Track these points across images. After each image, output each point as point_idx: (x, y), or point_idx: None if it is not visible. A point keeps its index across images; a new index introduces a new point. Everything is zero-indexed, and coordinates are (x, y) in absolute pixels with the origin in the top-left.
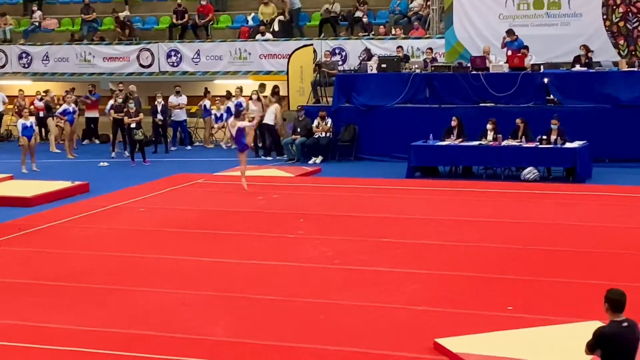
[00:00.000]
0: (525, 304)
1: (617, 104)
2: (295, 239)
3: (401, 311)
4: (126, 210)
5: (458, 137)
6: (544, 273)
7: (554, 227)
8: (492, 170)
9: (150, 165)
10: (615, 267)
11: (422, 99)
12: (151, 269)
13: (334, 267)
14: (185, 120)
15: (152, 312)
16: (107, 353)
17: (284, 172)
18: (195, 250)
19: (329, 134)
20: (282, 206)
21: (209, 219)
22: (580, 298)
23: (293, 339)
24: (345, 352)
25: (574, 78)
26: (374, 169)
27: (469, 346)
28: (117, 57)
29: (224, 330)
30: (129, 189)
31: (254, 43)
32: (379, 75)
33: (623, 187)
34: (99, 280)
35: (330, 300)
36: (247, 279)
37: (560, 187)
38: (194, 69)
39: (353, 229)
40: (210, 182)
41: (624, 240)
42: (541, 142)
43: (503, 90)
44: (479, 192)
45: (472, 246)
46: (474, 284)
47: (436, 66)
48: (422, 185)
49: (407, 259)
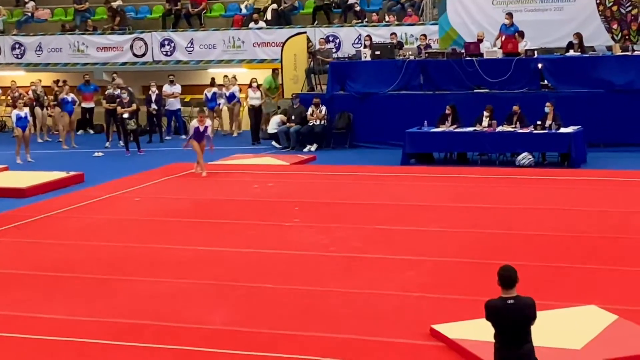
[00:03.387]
0: (520, 288)
1: (611, 89)
2: (290, 227)
3: (397, 298)
4: (121, 200)
5: (452, 123)
6: (539, 258)
7: (550, 212)
8: (487, 156)
9: (145, 155)
10: (612, 252)
11: (416, 85)
12: (147, 258)
13: (330, 255)
14: (179, 110)
15: (149, 302)
16: (103, 343)
17: (279, 160)
18: (191, 240)
19: (323, 121)
20: (278, 194)
21: (204, 208)
22: (577, 282)
23: (289, 327)
24: (342, 339)
25: (568, 63)
26: (368, 156)
27: (465, 332)
28: (110, 47)
29: (221, 318)
30: (123, 178)
31: (247, 31)
32: (373, 63)
33: (618, 172)
34: (95, 270)
35: (326, 287)
36: (244, 267)
37: (555, 172)
38: (187, 58)
39: (348, 217)
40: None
41: (620, 224)
42: (536, 127)
43: (497, 76)
44: (474, 178)
45: (467, 232)
46: (470, 270)
47: (430, 52)
48: (417, 172)
49: (402, 245)
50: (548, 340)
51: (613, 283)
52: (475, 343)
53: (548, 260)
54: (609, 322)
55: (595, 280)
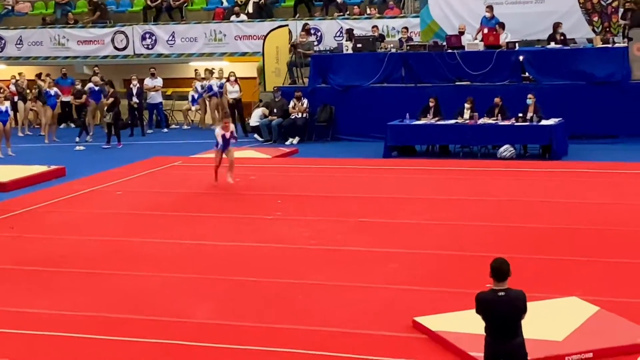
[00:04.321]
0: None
1: (592, 81)
2: (273, 220)
3: (380, 290)
4: (103, 194)
5: (434, 116)
6: (522, 250)
7: (531, 204)
8: (469, 149)
9: (127, 149)
10: (593, 243)
11: (398, 78)
12: (130, 252)
13: (312, 248)
14: (161, 103)
15: (134, 296)
16: (89, 337)
17: (261, 153)
18: (174, 233)
19: (305, 114)
20: (260, 187)
21: (187, 201)
22: (559, 274)
23: (273, 320)
24: (325, 332)
25: (549, 55)
26: (350, 149)
27: (448, 324)
28: (91, 40)
29: (206, 312)
30: (105, 172)
31: (229, 24)
32: (355, 55)
33: (599, 164)
34: (79, 264)
35: (309, 280)
36: (227, 260)
37: (536, 164)
38: (169, 51)
39: (331, 209)
40: (187, 165)
41: (601, 216)
42: (517, 119)
43: (478, 68)
44: (456, 171)
45: (449, 224)
46: (452, 262)
47: (412, 45)
48: (399, 165)
49: (384, 238)
50: (529, 332)
51: (594, 274)
52: (458, 335)
53: (529, 252)
54: (591, 313)
55: (576, 272)
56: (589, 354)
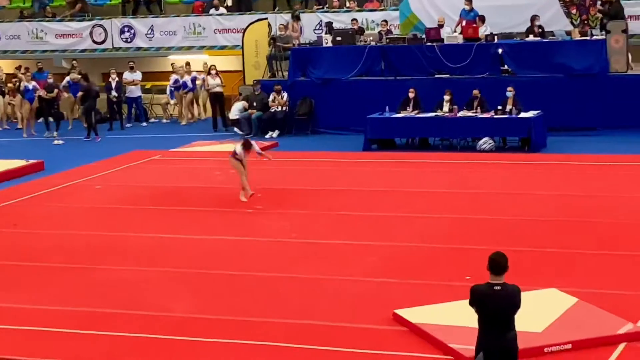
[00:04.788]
0: (483, 273)
1: (570, 73)
2: (253, 213)
3: (360, 283)
4: (82, 188)
5: (414, 109)
6: (501, 242)
7: (511, 197)
8: (449, 141)
9: (106, 143)
10: (572, 235)
11: (377, 71)
12: (110, 246)
13: (292, 241)
14: (140, 97)
15: (113, 290)
16: (68, 332)
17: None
18: (154, 227)
19: (285, 108)
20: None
21: (166, 195)
22: (539, 266)
23: (254, 314)
24: (305, 325)
25: (528, 48)
26: (330, 143)
27: (428, 316)
28: (69, 34)
29: (185, 306)
30: (84, 166)
31: (208, 18)
32: (334, 49)
33: (577, 156)
34: (58, 259)
35: (288, 274)
36: (207, 254)
37: (515, 156)
38: (148, 44)
39: (311, 203)
40: (167, 159)
41: (580, 208)
42: (496, 112)
43: (458, 61)
44: (436, 164)
45: (429, 217)
46: (432, 255)
47: (391, 38)
48: (379, 158)
49: (364, 231)
50: None
51: (573, 266)
52: (438, 327)
53: (508, 244)
54: (570, 305)
55: (555, 264)
56: (568, 345)
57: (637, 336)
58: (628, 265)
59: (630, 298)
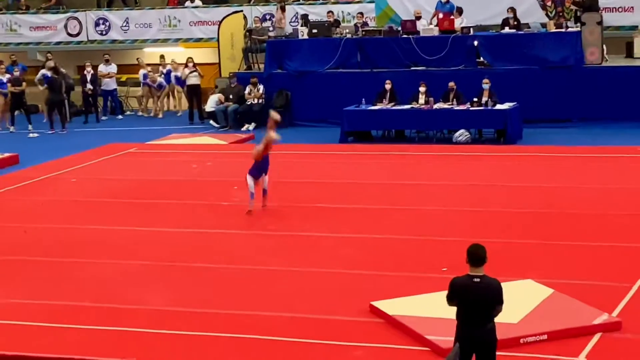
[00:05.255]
0: (459, 265)
1: (545, 65)
2: (229, 206)
3: (336, 275)
4: (57, 181)
5: (390, 101)
6: (477, 234)
7: (486, 188)
8: (425, 134)
9: (81, 136)
10: (548, 226)
11: (353, 63)
12: (85, 240)
13: (269, 234)
14: (115, 90)
15: (89, 283)
16: (42, 325)
17: (217, 139)
18: (130, 220)
19: (261, 100)
20: (216, 174)
21: (142, 188)
22: (514, 258)
23: (230, 306)
24: (283, 318)
25: (503, 40)
26: (307, 135)
27: (405, 308)
28: (44, 26)
29: (161, 299)
30: (59, 159)
31: (183, 10)
32: (310, 41)
33: (553, 147)
34: (33, 252)
35: (265, 266)
36: (183, 247)
37: (491, 148)
38: (123, 37)
39: (287, 195)
40: (142, 152)
41: (555, 199)
42: (472, 104)
43: (434, 53)
44: (412, 156)
45: (405, 209)
46: (409, 247)
47: (367, 30)
48: (355, 150)
49: (341, 223)
50: None
51: (549, 257)
52: (415, 319)
53: (484, 236)
54: (545, 295)
55: (531, 255)
56: (544, 335)
57: (612, 327)
58: (603, 256)
59: (605, 289)
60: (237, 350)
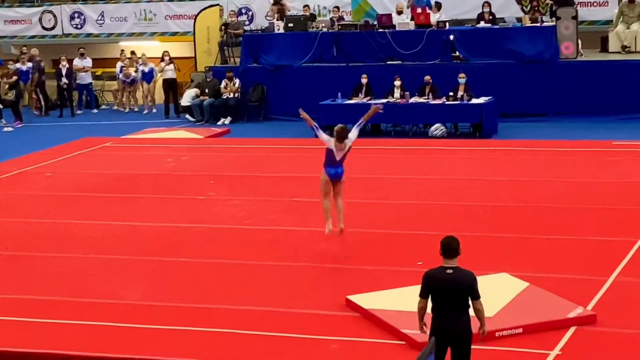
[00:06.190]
0: (435, 258)
1: (521, 60)
2: (205, 200)
3: (311, 269)
4: (32, 176)
5: (366, 95)
6: (453, 227)
7: (461, 182)
8: (400, 128)
9: (57, 130)
10: (523, 220)
11: (329, 57)
12: (60, 234)
13: (245, 228)
14: (91, 84)
15: (64, 278)
16: (15, 320)
17: (193, 133)
18: (105, 214)
19: (237, 94)
20: (192, 168)
21: (117, 182)
22: (489, 251)
23: (206, 301)
24: (258, 312)
25: (479, 34)
26: (283, 129)
27: (380, 302)
28: (18, 20)
29: (136, 293)
30: (34, 153)
31: (159, 4)
32: (286, 35)
33: (528, 141)
34: (6, 246)
35: (241, 260)
36: (158, 241)
37: (467, 142)
38: (98, 30)
39: (263, 190)
40: (117, 146)
41: (530, 193)
42: (448, 98)
43: (409, 47)
44: (387, 150)
45: (379, 203)
46: (384, 241)
47: (343, 25)
48: None
49: (316, 217)
50: None
51: (524, 251)
52: (390, 313)
53: (459, 230)
54: (521, 289)
55: (506, 248)
56: (519, 329)
57: (587, 320)
58: (578, 250)
59: (580, 282)
60: (212, 345)
